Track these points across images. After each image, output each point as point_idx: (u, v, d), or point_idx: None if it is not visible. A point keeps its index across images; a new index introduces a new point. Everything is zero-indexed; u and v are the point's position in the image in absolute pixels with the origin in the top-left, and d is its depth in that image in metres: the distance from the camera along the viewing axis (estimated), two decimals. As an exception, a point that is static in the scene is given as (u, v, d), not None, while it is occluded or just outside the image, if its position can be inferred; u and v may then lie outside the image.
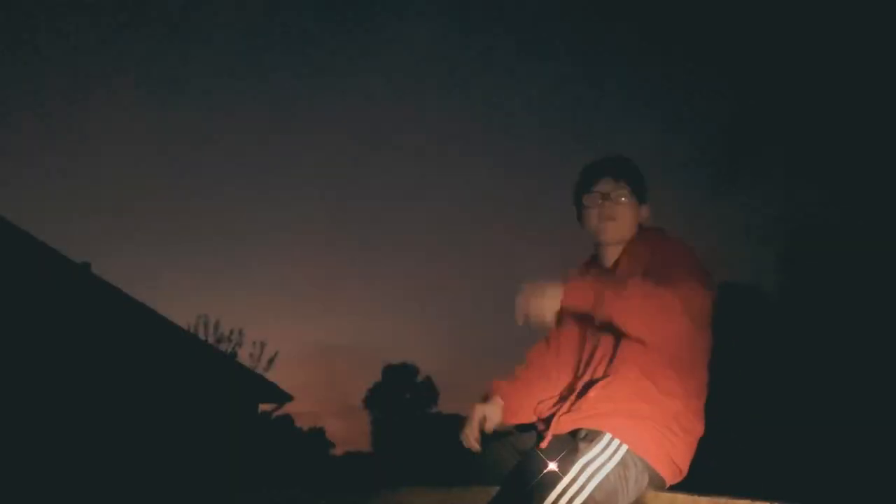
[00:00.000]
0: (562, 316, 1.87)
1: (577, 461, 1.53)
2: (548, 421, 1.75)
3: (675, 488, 1.67)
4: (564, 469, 1.52)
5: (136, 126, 49.69)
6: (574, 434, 1.63)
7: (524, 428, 1.86)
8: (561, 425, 1.68)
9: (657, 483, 1.64)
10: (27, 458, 7.31)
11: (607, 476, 1.53)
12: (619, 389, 1.63)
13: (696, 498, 1.55)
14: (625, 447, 1.57)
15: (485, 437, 1.84)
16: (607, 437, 1.57)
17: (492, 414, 1.86)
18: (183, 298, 41.12)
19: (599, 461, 1.54)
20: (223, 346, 17.21)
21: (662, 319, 1.55)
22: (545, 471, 1.52)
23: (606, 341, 1.71)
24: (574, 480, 1.51)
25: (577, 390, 1.72)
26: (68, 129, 44.25)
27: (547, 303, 1.61)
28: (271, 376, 15.80)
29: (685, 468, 1.68)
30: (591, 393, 1.66)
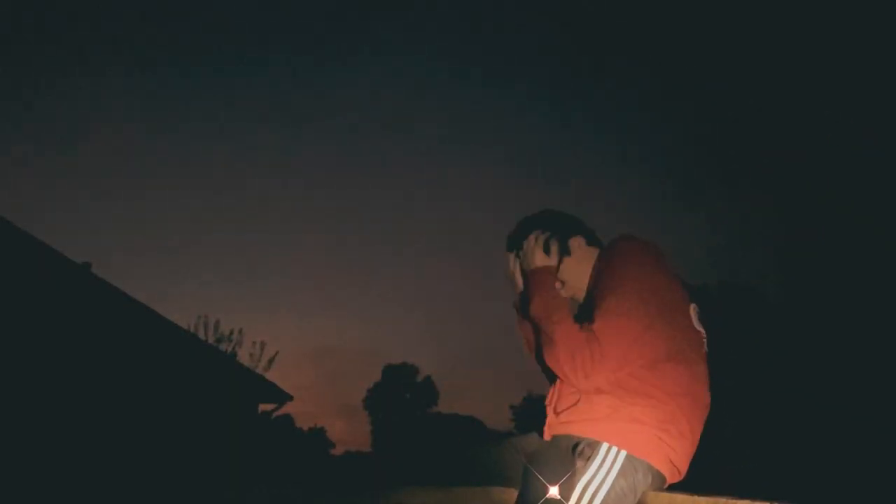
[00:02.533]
0: None
1: (577, 484, 1.54)
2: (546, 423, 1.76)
3: (674, 488, 1.67)
4: (566, 495, 1.54)
5: (138, 127, 49.73)
6: (574, 446, 1.63)
7: (525, 429, 1.87)
8: (559, 429, 1.70)
9: (659, 482, 1.65)
10: (28, 457, 7.31)
11: (608, 492, 1.54)
12: (610, 396, 1.64)
13: (695, 498, 1.55)
14: (624, 452, 1.58)
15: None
16: (604, 447, 1.58)
17: None
18: (183, 298, 41.21)
19: (599, 478, 1.55)
20: (223, 346, 17.25)
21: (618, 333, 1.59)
22: (547, 496, 1.54)
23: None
24: None
25: (575, 395, 1.73)
26: (69, 130, 44.28)
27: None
28: (271, 376, 15.84)
29: (683, 469, 1.68)
30: (594, 397, 1.67)
